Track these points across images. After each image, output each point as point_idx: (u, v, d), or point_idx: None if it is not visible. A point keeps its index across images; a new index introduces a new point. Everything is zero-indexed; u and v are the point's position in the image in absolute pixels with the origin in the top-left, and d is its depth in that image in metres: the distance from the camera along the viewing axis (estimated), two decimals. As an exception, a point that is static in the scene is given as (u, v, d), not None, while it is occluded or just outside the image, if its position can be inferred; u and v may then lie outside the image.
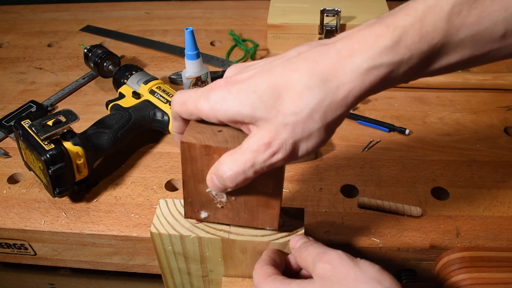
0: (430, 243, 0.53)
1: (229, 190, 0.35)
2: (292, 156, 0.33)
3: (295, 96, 0.31)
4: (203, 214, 0.40)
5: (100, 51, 0.80)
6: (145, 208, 0.59)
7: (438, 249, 0.53)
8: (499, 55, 0.32)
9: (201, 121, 0.36)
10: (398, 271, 0.56)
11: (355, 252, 0.54)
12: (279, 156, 0.32)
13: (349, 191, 0.61)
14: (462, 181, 0.61)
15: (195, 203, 0.39)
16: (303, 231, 0.42)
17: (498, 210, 0.57)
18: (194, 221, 0.42)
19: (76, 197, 0.61)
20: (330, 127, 0.33)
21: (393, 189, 0.60)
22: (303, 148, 0.33)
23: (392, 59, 0.31)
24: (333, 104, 0.31)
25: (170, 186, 0.63)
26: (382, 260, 0.55)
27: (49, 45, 0.97)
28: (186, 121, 0.37)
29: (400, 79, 0.32)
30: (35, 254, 0.61)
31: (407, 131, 0.69)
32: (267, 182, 0.37)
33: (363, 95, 0.32)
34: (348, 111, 0.33)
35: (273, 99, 0.32)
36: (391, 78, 0.32)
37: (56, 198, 0.61)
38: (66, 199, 0.61)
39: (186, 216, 0.41)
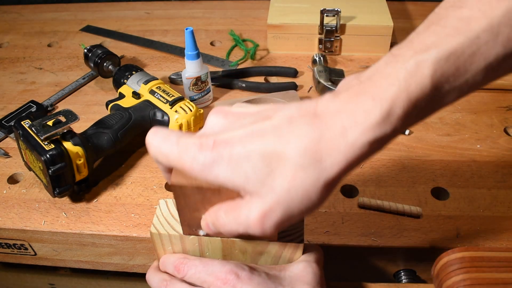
0: (430, 243, 0.53)
1: None
2: (287, 225, 0.33)
3: (288, 174, 0.30)
4: (202, 232, 0.40)
5: (100, 51, 0.80)
6: (145, 208, 0.59)
7: (438, 249, 0.53)
8: (483, 86, 0.33)
9: None
10: (398, 271, 0.56)
11: (355, 252, 0.54)
12: (272, 231, 0.32)
13: (349, 191, 0.61)
14: (462, 181, 0.61)
15: (193, 225, 0.39)
16: (303, 231, 0.42)
17: (498, 210, 0.57)
18: None
19: (76, 197, 0.61)
20: (325, 198, 0.32)
21: (393, 189, 0.60)
22: (298, 218, 0.33)
23: (384, 131, 0.30)
24: (328, 181, 0.31)
25: (170, 186, 0.63)
26: (382, 260, 0.55)
27: (49, 45, 0.97)
28: None
29: (393, 139, 0.32)
30: (35, 254, 0.61)
31: (407, 131, 0.69)
32: None
33: (359, 164, 0.32)
34: (343, 179, 0.33)
35: (266, 173, 0.31)
36: (385, 143, 0.32)
37: (56, 198, 0.61)
38: (66, 199, 0.61)
39: (185, 234, 0.41)
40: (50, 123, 0.56)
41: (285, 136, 0.31)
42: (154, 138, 0.34)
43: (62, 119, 0.57)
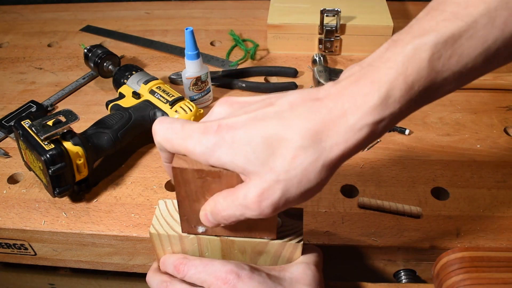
0: (430, 243, 0.53)
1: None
2: (284, 208, 0.33)
3: (289, 155, 0.31)
4: (200, 229, 0.40)
5: (100, 51, 0.80)
6: (145, 208, 0.59)
7: (438, 249, 0.53)
8: (483, 74, 0.33)
9: None
10: (398, 271, 0.56)
11: (355, 252, 0.54)
12: (270, 211, 0.32)
13: (349, 191, 0.61)
14: (462, 181, 0.61)
15: (192, 220, 0.39)
16: (302, 231, 0.42)
17: (498, 210, 0.57)
18: None
19: (76, 197, 0.61)
20: (324, 181, 0.33)
21: (393, 189, 0.60)
22: (296, 201, 0.33)
23: (383, 115, 0.31)
24: (327, 163, 0.31)
25: (170, 186, 0.63)
26: (382, 260, 0.55)
27: (49, 45, 0.97)
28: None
29: (392, 125, 0.33)
30: (35, 254, 0.61)
31: (407, 131, 0.69)
32: None
33: (358, 149, 0.32)
34: (342, 164, 0.33)
35: (267, 154, 0.31)
36: (385, 128, 0.32)
37: (56, 198, 0.61)
38: (66, 199, 0.61)
39: (183, 231, 0.41)
40: (50, 123, 0.56)
41: (287, 120, 0.32)
42: (160, 125, 0.35)
43: (62, 119, 0.57)
